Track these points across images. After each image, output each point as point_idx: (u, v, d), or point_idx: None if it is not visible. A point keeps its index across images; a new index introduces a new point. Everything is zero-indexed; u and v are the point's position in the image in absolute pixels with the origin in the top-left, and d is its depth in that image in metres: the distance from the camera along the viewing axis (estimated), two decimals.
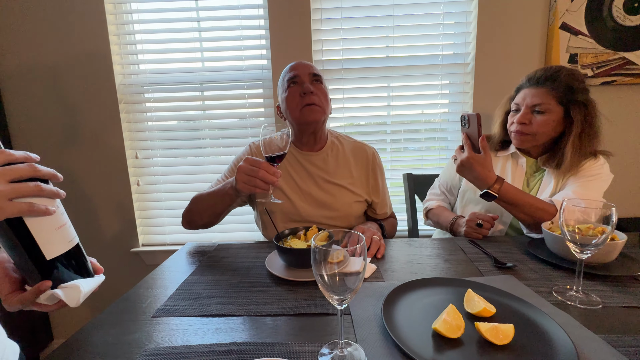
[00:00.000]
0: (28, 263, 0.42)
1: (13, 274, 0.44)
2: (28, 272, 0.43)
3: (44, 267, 0.43)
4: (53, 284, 0.43)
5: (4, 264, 0.45)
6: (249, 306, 0.58)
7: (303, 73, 0.94)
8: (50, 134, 1.51)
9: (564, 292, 0.60)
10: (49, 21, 1.43)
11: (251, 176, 0.74)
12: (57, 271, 0.44)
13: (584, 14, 1.39)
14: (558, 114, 0.91)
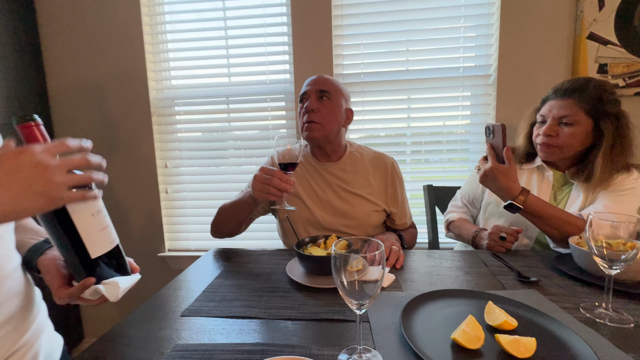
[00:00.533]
0: (75, 261, 0.47)
1: (63, 271, 0.49)
2: (75, 269, 0.48)
3: (89, 265, 0.47)
4: (96, 280, 0.47)
5: (56, 262, 0.50)
6: (271, 310, 0.61)
7: (312, 90, 0.98)
8: (92, 146, 1.63)
9: (592, 309, 0.58)
10: (94, 42, 1.57)
11: (265, 184, 0.78)
12: (99, 269, 0.48)
13: (614, 23, 1.36)
14: (587, 125, 0.89)
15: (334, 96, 0.98)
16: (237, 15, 1.54)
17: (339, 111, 0.99)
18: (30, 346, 0.49)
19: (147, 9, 1.56)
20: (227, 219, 0.97)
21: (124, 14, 1.54)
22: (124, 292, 0.48)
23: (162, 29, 1.59)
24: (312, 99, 0.97)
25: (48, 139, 0.45)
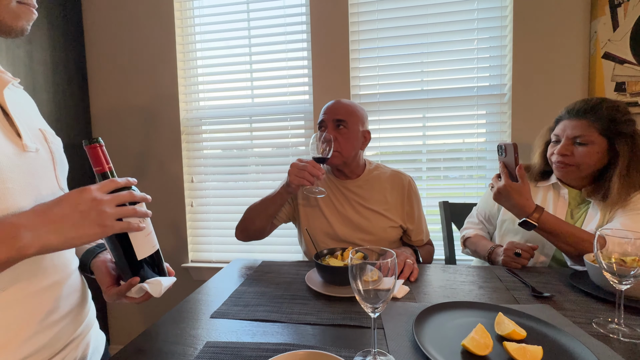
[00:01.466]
0: (124, 262, 0.54)
1: (112, 272, 0.57)
2: (123, 270, 0.55)
3: (135, 265, 0.54)
4: (140, 280, 0.54)
5: (107, 263, 0.58)
6: (291, 315, 0.65)
7: (329, 119, 1.04)
8: (128, 162, 1.77)
9: (605, 324, 0.59)
10: (133, 69, 1.73)
11: (301, 169, 0.92)
12: (142, 270, 0.55)
13: (629, 43, 1.37)
14: (601, 145, 0.90)
15: (350, 124, 1.03)
16: (261, 42, 1.67)
17: (356, 137, 1.05)
18: (83, 337, 0.56)
19: (180, 38, 1.72)
20: (257, 215, 1.06)
21: (160, 44, 1.70)
22: (165, 290, 0.55)
23: (193, 55, 1.74)
24: (329, 129, 1.03)
25: (107, 156, 0.53)
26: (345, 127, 1.04)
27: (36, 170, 0.49)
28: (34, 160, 0.49)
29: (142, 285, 0.53)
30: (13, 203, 0.44)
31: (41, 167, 0.51)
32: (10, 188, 0.44)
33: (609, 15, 1.37)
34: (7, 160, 0.44)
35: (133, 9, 1.71)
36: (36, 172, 0.49)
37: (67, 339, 0.51)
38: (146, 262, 0.55)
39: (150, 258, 0.56)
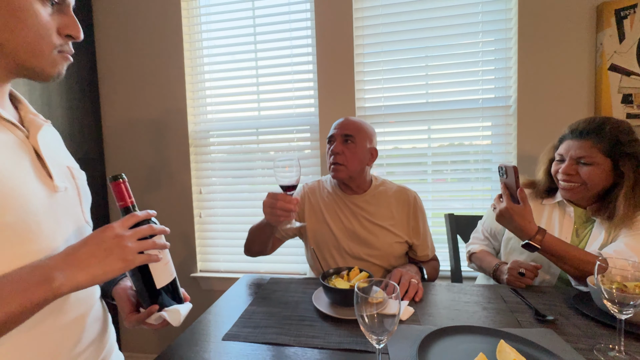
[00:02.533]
0: (143, 290, 0.57)
1: (132, 299, 0.60)
2: (143, 297, 0.58)
3: (154, 294, 0.57)
4: (159, 307, 0.57)
5: (127, 291, 0.61)
6: (300, 338, 0.68)
7: (338, 134, 1.08)
8: (138, 174, 1.82)
9: (605, 351, 0.60)
10: (142, 84, 1.78)
11: (272, 208, 0.86)
12: (161, 297, 0.58)
13: (636, 54, 1.37)
14: (606, 165, 0.91)
15: (357, 140, 1.06)
16: (267, 55, 1.70)
17: (362, 153, 1.07)
18: None
19: (189, 53, 1.76)
20: (254, 240, 1.09)
21: (169, 59, 1.74)
22: (183, 318, 0.58)
23: (200, 70, 1.78)
24: (337, 142, 1.06)
25: (130, 191, 0.57)
26: (353, 142, 1.06)
27: (65, 209, 0.53)
28: (62, 199, 0.53)
29: (161, 314, 0.56)
30: (46, 244, 0.47)
31: (69, 204, 0.54)
32: (44, 229, 0.47)
33: (615, 27, 1.37)
34: (40, 203, 0.47)
35: (142, 27, 1.76)
36: (65, 211, 0.53)
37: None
38: (165, 290, 0.58)
39: (168, 286, 0.59)
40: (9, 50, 0.47)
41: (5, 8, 0.45)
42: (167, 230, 0.57)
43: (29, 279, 0.41)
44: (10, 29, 0.46)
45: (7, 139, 0.48)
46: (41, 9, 0.47)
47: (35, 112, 0.56)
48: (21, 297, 0.40)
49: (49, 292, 0.42)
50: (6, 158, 0.45)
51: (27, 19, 0.46)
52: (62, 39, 0.51)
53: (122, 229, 0.50)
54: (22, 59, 0.48)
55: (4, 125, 0.48)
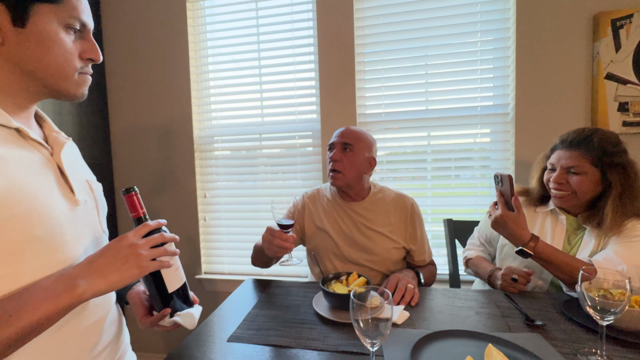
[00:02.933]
0: (156, 294, 0.62)
1: (145, 303, 0.65)
2: (155, 301, 0.63)
3: (166, 298, 0.62)
4: (171, 310, 0.61)
5: (141, 295, 0.65)
6: (300, 340, 0.72)
7: (338, 142, 1.12)
8: (145, 179, 1.87)
9: (588, 355, 0.64)
10: (149, 91, 1.83)
11: (270, 244, 0.89)
12: (172, 301, 0.62)
13: (632, 64, 1.39)
14: (594, 175, 0.94)
15: (356, 148, 1.10)
16: (270, 63, 1.74)
17: (360, 161, 1.11)
18: None
19: (194, 61, 1.81)
20: (257, 257, 1.13)
21: (175, 66, 1.79)
22: (196, 321, 0.62)
23: (206, 77, 1.82)
24: (337, 150, 1.10)
25: (142, 202, 0.61)
26: (352, 150, 1.10)
27: (84, 220, 0.58)
28: (82, 211, 0.58)
29: (175, 320, 0.61)
30: (69, 254, 0.52)
31: (88, 216, 0.59)
32: (68, 241, 0.52)
33: (611, 36, 1.40)
34: (63, 216, 0.52)
35: (149, 36, 1.81)
36: (84, 222, 0.58)
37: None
38: (176, 294, 0.63)
39: (179, 290, 0.63)
40: (39, 76, 0.52)
41: (34, 39, 0.49)
42: (177, 238, 0.61)
43: (55, 287, 0.46)
44: (39, 57, 0.50)
45: (34, 157, 0.52)
46: (66, 37, 0.52)
47: (58, 129, 0.61)
48: (49, 303, 0.44)
49: (74, 298, 0.46)
50: (35, 176, 0.50)
51: (54, 48, 0.51)
52: (83, 62, 0.56)
53: (135, 238, 0.54)
54: (50, 83, 0.53)
55: (31, 144, 0.53)
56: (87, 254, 0.54)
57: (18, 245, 0.46)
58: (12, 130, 0.51)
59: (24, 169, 0.49)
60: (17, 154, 0.49)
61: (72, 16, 0.52)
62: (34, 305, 0.44)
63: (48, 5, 0.50)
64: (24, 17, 0.48)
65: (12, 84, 0.51)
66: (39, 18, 0.49)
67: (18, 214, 0.45)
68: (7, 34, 0.48)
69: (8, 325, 0.42)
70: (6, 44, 0.48)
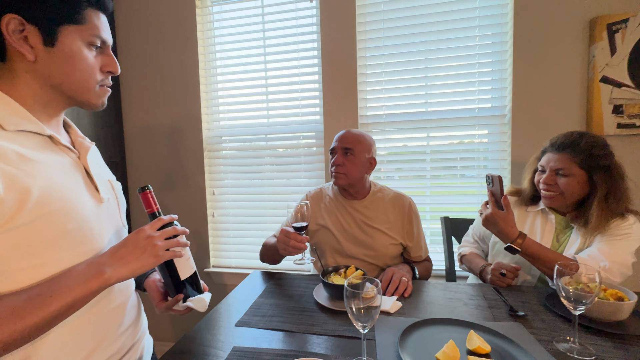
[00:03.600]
0: (170, 282, 0.69)
1: (161, 290, 0.73)
2: (170, 288, 0.71)
3: (179, 284, 0.69)
4: (183, 296, 0.69)
5: (157, 283, 0.74)
6: (301, 325, 0.80)
7: (338, 147, 1.18)
8: (156, 176, 1.97)
9: (562, 342, 0.70)
10: (161, 93, 1.92)
11: (285, 245, 0.96)
12: (184, 288, 0.70)
13: (627, 67, 1.43)
14: (581, 177, 0.99)
15: (356, 152, 1.16)
16: (276, 66, 1.81)
17: (361, 163, 1.17)
18: (140, 342, 0.72)
19: (203, 64, 1.89)
20: (266, 254, 1.21)
21: (185, 70, 1.88)
22: (207, 305, 0.70)
23: (214, 79, 1.90)
24: (338, 155, 1.17)
25: (155, 199, 0.69)
26: (352, 154, 1.16)
27: (108, 216, 0.65)
28: (106, 208, 0.65)
29: (188, 305, 0.68)
30: (95, 245, 0.60)
31: (111, 212, 0.67)
32: (95, 233, 0.60)
33: (607, 40, 1.43)
34: (91, 212, 0.60)
35: (161, 41, 1.89)
36: (108, 217, 0.65)
37: (130, 344, 0.67)
38: (188, 282, 0.70)
39: (191, 278, 0.71)
40: (64, 88, 0.59)
41: (62, 57, 0.56)
42: (187, 231, 0.68)
43: (86, 273, 0.53)
44: (66, 73, 0.57)
45: (65, 160, 0.60)
46: (88, 54, 0.59)
47: (83, 135, 0.69)
48: (81, 287, 0.52)
49: (101, 283, 0.53)
50: (66, 177, 0.58)
51: (78, 64, 0.58)
52: (104, 75, 0.63)
53: (152, 231, 0.61)
54: (74, 95, 0.60)
55: (61, 149, 0.61)
56: (110, 246, 0.62)
57: (54, 237, 0.53)
58: (46, 137, 0.58)
59: (57, 171, 0.56)
60: (51, 158, 0.56)
61: (94, 34, 0.59)
62: (69, 288, 0.51)
63: (74, 26, 0.56)
64: (53, 37, 0.55)
65: (42, 96, 0.58)
66: (66, 38, 0.56)
67: (54, 210, 0.52)
68: (39, 53, 0.54)
69: (49, 304, 0.49)
70: (38, 62, 0.55)
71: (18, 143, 0.52)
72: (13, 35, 0.52)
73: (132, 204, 2.00)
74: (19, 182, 0.49)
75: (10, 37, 0.52)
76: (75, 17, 0.56)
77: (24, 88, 0.56)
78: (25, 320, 0.47)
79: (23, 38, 0.53)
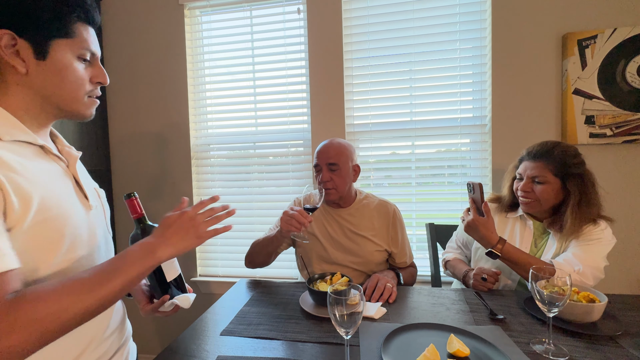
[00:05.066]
0: (156, 283, 0.72)
1: (146, 293, 0.75)
2: (156, 289, 0.73)
3: (165, 286, 0.72)
4: (169, 297, 0.71)
5: (142, 286, 0.76)
6: (286, 333, 0.80)
7: (322, 163, 1.18)
8: (143, 184, 1.94)
9: (538, 343, 0.73)
10: (148, 100, 1.91)
11: (290, 217, 1.00)
12: (170, 289, 0.73)
13: (597, 80, 1.51)
14: (556, 184, 1.04)
15: (341, 164, 1.17)
16: (264, 75, 1.84)
17: (347, 174, 1.19)
18: (125, 346, 0.72)
19: (191, 72, 1.90)
20: (259, 251, 1.20)
21: (173, 78, 1.88)
22: (191, 302, 0.73)
23: (202, 88, 1.91)
24: (324, 172, 1.17)
25: (141, 204, 0.72)
26: (338, 168, 1.17)
27: (96, 222, 0.67)
28: (94, 215, 0.66)
29: (173, 301, 0.71)
30: (86, 250, 0.61)
31: (98, 219, 0.68)
32: (85, 239, 0.61)
33: (578, 55, 1.52)
34: (81, 219, 0.61)
35: (148, 48, 1.89)
36: (96, 224, 0.66)
37: (116, 347, 0.68)
38: (173, 283, 0.73)
39: (176, 279, 0.74)
40: (54, 100, 0.60)
41: (53, 70, 0.58)
42: (228, 206, 0.72)
43: (140, 253, 0.57)
44: (56, 84, 0.59)
45: (56, 169, 0.61)
46: (78, 66, 0.61)
47: (69, 144, 0.69)
48: (139, 265, 0.56)
49: (154, 261, 0.58)
50: (59, 185, 0.59)
51: (69, 76, 0.59)
52: (93, 86, 0.64)
53: (194, 213, 0.65)
54: (63, 105, 0.61)
55: (52, 159, 0.62)
56: (99, 252, 0.64)
57: (53, 240, 0.54)
58: (38, 147, 0.59)
59: (51, 180, 0.57)
60: (45, 167, 0.58)
61: (84, 47, 0.61)
62: (128, 266, 0.55)
63: (64, 40, 0.58)
64: (44, 51, 0.56)
65: (33, 107, 0.59)
66: (57, 51, 0.57)
67: (52, 216, 0.54)
68: (30, 66, 0.56)
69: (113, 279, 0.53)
70: (29, 74, 0.57)
71: (15, 152, 0.53)
72: (5, 50, 0.54)
73: (117, 211, 1.96)
74: (24, 189, 0.51)
75: (3, 51, 0.54)
76: (65, 32, 0.58)
77: (15, 99, 0.57)
78: (94, 294, 0.51)
79: (15, 52, 0.55)
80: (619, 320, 0.81)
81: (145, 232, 0.71)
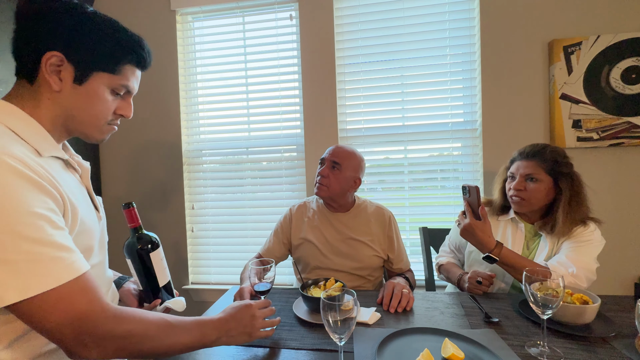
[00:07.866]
0: (148, 288, 0.74)
1: (136, 298, 0.75)
2: (147, 294, 0.74)
3: (157, 290, 0.74)
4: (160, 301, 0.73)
5: (131, 291, 0.75)
6: (279, 340, 0.78)
7: (328, 159, 1.20)
8: (135, 190, 1.91)
9: (532, 346, 0.72)
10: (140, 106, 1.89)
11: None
12: (161, 293, 0.75)
13: (582, 86, 1.55)
14: (548, 182, 1.05)
15: (343, 167, 1.18)
16: (257, 81, 1.84)
17: (345, 180, 1.18)
18: None
19: (183, 78, 1.89)
20: None
21: (165, 84, 1.87)
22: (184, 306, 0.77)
23: (195, 94, 1.90)
24: (326, 166, 1.19)
25: (138, 214, 0.74)
26: (339, 169, 1.18)
27: (102, 231, 0.68)
28: (102, 225, 0.68)
29: (166, 305, 0.73)
30: (98, 258, 0.64)
31: (103, 228, 0.70)
32: (98, 249, 0.63)
33: (564, 61, 1.55)
34: (96, 229, 0.63)
35: None
36: (103, 233, 0.68)
37: None
38: (164, 288, 0.76)
39: (167, 285, 0.77)
40: (76, 120, 0.60)
41: (85, 95, 0.58)
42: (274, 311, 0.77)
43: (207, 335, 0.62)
44: (83, 107, 0.59)
45: (75, 180, 0.62)
46: (109, 97, 0.61)
47: (77, 155, 0.69)
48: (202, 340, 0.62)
49: (210, 344, 0.63)
50: (80, 197, 0.60)
51: (98, 104, 0.60)
52: (115, 116, 0.65)
53: (257, 310, 0.71)
54: (81, 128, 0.62)
55: (70, 171, 0.63)
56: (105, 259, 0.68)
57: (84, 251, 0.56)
58: (62, 161, 0.61)
59: (77, 193, 0.60)
60: (71, 181, 0.60)
61: (123, 85, 0.62)
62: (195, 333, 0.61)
63: (107, 74, 0.59)
64: (84, 78, 0.58)
65: (57, 122, 0.60)
66: (95, 81, 0.59)
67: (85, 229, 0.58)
68: (65, 87, 0.57)
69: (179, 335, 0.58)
70: (61, 93, 0.57)
71: (52, 168, 0.55)
72: (49, 68, 0.55)
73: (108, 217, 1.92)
74: (73, 204, 0.55)
75: (46, 69, 0.55)
76: (112, 68, 0.59)
77: (45, 112, 0.58)
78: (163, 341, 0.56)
79: (57, 71, 0.56)
80: (612, 322, 0.82)
81: (141, 241, 0.74)
